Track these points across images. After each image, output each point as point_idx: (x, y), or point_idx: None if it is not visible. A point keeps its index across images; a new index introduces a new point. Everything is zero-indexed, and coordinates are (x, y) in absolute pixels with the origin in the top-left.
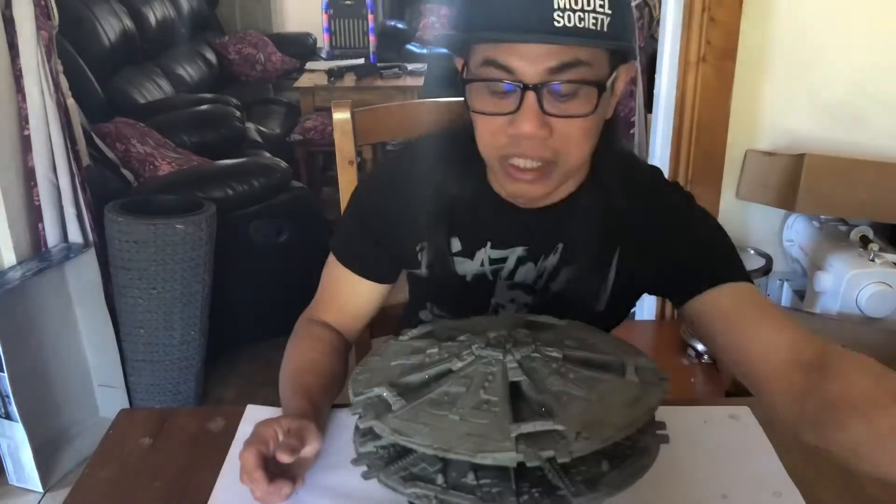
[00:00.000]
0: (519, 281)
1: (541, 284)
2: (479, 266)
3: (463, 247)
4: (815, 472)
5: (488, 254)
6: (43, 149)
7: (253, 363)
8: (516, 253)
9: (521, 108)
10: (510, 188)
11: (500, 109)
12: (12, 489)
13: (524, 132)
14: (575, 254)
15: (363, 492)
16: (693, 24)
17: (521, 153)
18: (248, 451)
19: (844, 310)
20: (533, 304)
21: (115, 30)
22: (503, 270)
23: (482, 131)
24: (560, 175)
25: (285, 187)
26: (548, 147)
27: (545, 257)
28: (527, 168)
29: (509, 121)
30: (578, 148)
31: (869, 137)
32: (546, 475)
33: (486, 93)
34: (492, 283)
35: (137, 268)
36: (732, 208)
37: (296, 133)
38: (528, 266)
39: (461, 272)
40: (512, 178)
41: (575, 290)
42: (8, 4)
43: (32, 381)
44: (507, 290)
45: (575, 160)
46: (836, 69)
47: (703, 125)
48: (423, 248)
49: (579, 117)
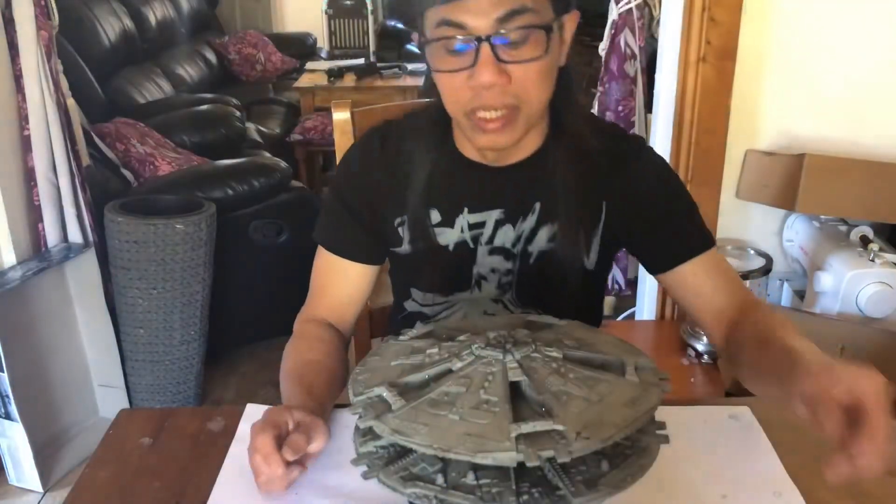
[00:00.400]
0: (499, 245)
1: (519, 248)
2: (460, 233)
3: (442, 217)
4: (815, 472)
5: (467, 219)
6: (43, 149)
7: (253, 363)
8: (493, 216)
9: (477, 60)
10: (480, 141)
11: (459, 66)
12: (12, 489)
13: (484, 82)
14: (553, 211)
15: (363, 492)
16: (693, 24)
17: (484, 104)
18: (263, 434)
19: (844, 310)
20: (514, 271)
21: (115, 30)
22: (483, 236)
23: (446, 90)
24: (524, 121)
25: (285, 187)
26: (508, 93)
27: (523, 219)
28: (492, 118)
29: (469, 75)
30: (536, 90)
31: (869, 137)
32: (546, 475)
33: (444, 52)
34: (473, 250)
35: (137, 268)
36: (732, 208)
37: (296, 133)
38: (507, 228)
39: (443, 243)
40: (481, 130)
41: (558, 250)
42: (8, 4)
43: (32, 381)
44: (488, 256)
45: (535, 104)
46: (836, 69)
47: (703, 125)
48: (403, 222)
49: (533, 61)
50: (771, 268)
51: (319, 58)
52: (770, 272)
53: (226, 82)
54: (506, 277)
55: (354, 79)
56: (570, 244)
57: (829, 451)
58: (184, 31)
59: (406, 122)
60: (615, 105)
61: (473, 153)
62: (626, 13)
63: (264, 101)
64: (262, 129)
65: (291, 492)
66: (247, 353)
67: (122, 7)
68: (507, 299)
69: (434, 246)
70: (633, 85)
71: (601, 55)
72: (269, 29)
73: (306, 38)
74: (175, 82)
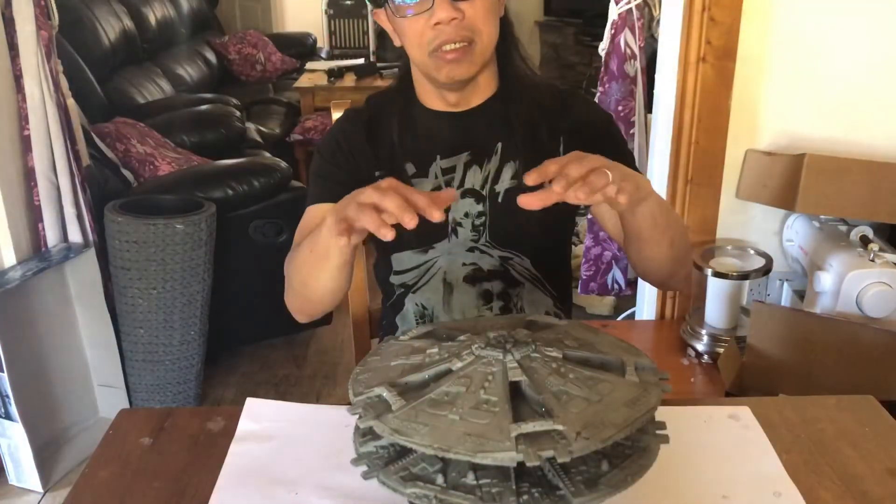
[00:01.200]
0: (469, 187)
1: (487, 189)
2: (434, 180)
3: (417, 169)
4: (815, 472)
5: (440, 165)
6: (43, 149)
7: (253, 363)
8: (462, 159)
9: (434, 1)
10: (443, 74)
11: (419, 10)
12: (12, 489)
13: (443, 17)
14: (514, 150)
15: (363, 492)
16: (693, 24)
17: (444, 39)
18: (391, 192)
19: (844, 310)
20: (486, 212)
21: (115, 30)
22: (454, 180)
23: (410, 34)
24: (479, 54)
25: (285, 187)
26: (464, 27)
27: (488, 160)
28: (452, 49)
29: (428, 17)
30: (486, 25)
31: (869, 137)
32: (546, 475)
33: (405, 3)
34: None
35: (137, 268)
36: (732, 208)
37: (296, 133)
38: (475, 170)
39: None
40: (444, 62)
41: (522, 184)
42: (8, 4)
43: (32, 381)
44: (461, 200)
45: (486, 38)
46: (836, 69)
47: (703, 125)
48: (382, 175)
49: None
50: (771, 268)
51: (319, 58)
52: (770, 272)
53: (226, 82)
54: (478, 220)
55: (354, 79)
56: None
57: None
58: (184, 31)
59: (374, 98)
60: (615, 105)
61: (437, 103)
62: (626, 13)
63: (264, 101)
64: (262, 129)
65: (291, 491)
66: (247, 353)
67: (122, 7)
68: (483, 244)
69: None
70: (633, 85)
71: (601, 55)
72: (269, 29)
73: (306, 38)
74: (175, 82)
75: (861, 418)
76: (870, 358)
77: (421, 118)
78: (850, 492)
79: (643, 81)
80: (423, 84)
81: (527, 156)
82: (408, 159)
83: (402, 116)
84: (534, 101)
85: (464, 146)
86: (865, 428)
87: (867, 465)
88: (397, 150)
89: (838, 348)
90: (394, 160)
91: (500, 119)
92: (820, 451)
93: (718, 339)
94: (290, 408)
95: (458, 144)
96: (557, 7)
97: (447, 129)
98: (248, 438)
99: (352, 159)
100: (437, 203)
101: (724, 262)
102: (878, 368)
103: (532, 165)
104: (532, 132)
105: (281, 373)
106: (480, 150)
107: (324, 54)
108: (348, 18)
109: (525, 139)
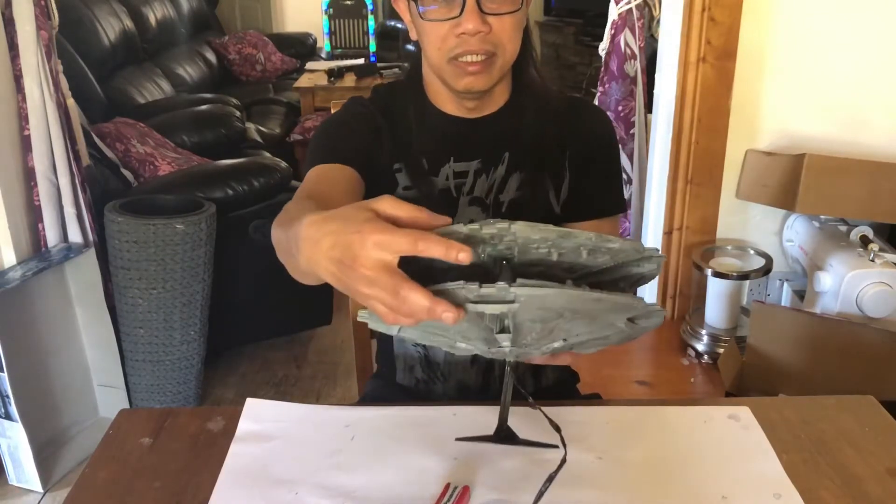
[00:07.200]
0: (477, 195)
1: (491, 198)
2: (445, 181)
3: (429, 166)
4: (814, 472)
5: (452, 168)
6: (43, 149)
7: (253, 363)
8: (473, 166)
9: (464, 10)
10: (461, 84)
11: (446, 15)
12: (12, 489)
13: (469, 29)
14: (521, 160)
15: (363, 492)
16: (693, 24)
17: (467, 50)
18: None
19: (844, 310)
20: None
21: (115, 30)
22: (465, 186)
23: (433, 38)
24: (499, 68)
25: (285, 187)
26: (488, 41)
27: (494, 168)
28: (474, 62)
29: (454, 24)
30: (511, 41)
31: (869, 137)
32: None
33: (432, 5)
34: (455, 200)
35: (137, 268)
36: (732, 208)
37: (296, 133)
38: (482, 179)
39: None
40: (463, 73)
41: (526, 195)
42: (8, 4)
43: (32, 381)
44: (468, 207)
45: (509, 53)
46: (836, 69)
47: (703, 125)
48: (401, 168)
49: (510, 13)
50: (771, 268)
51: (319, 58)
52: (770, 272)
53: (226, 82)
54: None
55: (354, 79)
56: (539, 191)
57: (827, 450)
58: (184, 31)
59: (382, 88)
60: (615, 105)
61: (450, 107)
62: (627, 13)
63: (264, 101)
64: (262, 129)
65: (291, 491)
66: (247, 353)
67: (122, 7)
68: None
69: (429, 190)
70: (633, 85)
71: (601, 55)
72: (269, 29)
73: (306, 38)
74: (175, 82)
75: (861, 418)
76: (870, 358)
77: (435, 118)
78: (850, 492)
79: (643, 81)
80: (434, 85)
81: (533, 167)
82: (423, 153)
83: (416, 110)
84: (544, 112)
85: (476, 153)
86: (865, 428)
87: (867, 465)
88: (415, 141)
89: (838, 348)
90: (410, 152)
91: (509, 129)
92: (820, 452)
93: (718, 340)
94: (289, 408)
95: (470, 150)
96: (557, 7)
97: (459, 133)
98: (248, 439)
99: (367, 136)
100: (454, 246)
101: (724, 262)
102: (878, 368)
103: (538, 177)
104: (540, 143)
105: (281, 373)
106: (488, 159)
107: (324, 54)
108: (348, 18)
109: (532, 151)
